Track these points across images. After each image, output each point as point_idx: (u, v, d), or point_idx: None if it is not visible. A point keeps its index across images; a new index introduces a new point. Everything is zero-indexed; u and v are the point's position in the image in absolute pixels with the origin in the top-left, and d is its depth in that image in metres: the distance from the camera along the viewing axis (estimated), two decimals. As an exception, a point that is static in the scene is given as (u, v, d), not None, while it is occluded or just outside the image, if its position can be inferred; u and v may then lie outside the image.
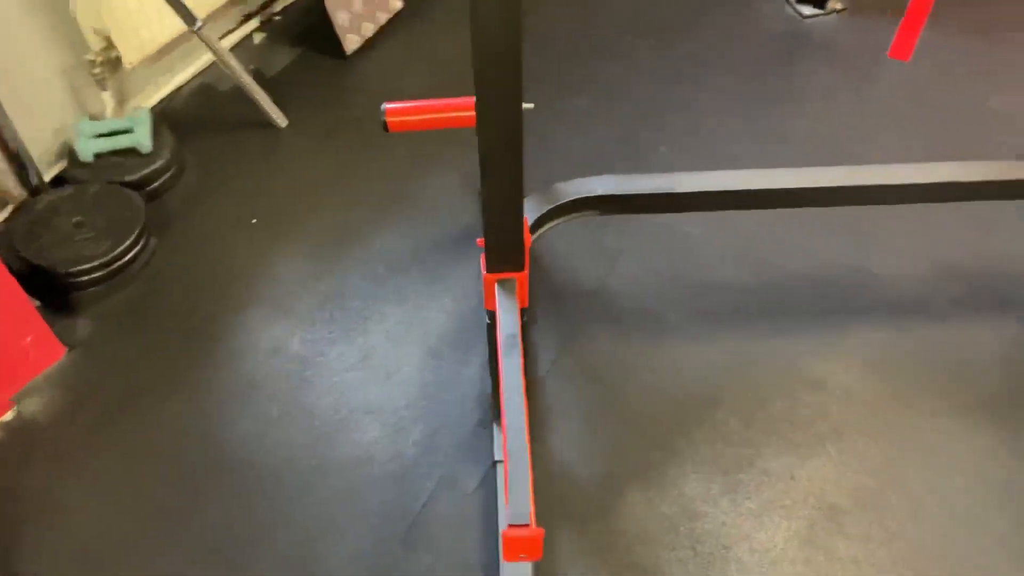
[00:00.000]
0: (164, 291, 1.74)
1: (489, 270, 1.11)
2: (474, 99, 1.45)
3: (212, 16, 2.06)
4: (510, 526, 0.88)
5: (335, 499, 1.41)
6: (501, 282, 1.11)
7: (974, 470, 1.41)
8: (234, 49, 2.23)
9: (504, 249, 1.08)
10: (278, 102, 2.09)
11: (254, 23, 2.33)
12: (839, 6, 2.33)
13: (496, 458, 1.40)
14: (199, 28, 1.83)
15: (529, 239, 1.09)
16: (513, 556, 0.91)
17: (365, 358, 1.61)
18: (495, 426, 1.43)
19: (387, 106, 1.47)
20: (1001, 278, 1.69)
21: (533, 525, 0.89)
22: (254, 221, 1.88)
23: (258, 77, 2.14)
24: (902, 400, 1.51)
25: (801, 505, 1.38)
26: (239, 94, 2.09)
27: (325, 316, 1.69)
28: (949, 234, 1.77)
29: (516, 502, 0.90)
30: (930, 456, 1.43)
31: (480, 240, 1.11)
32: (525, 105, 0.92)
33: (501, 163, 0.97)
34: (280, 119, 2.08)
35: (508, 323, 1.07)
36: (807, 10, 2.33)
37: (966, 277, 1.69)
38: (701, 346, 1.60)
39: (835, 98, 2.11)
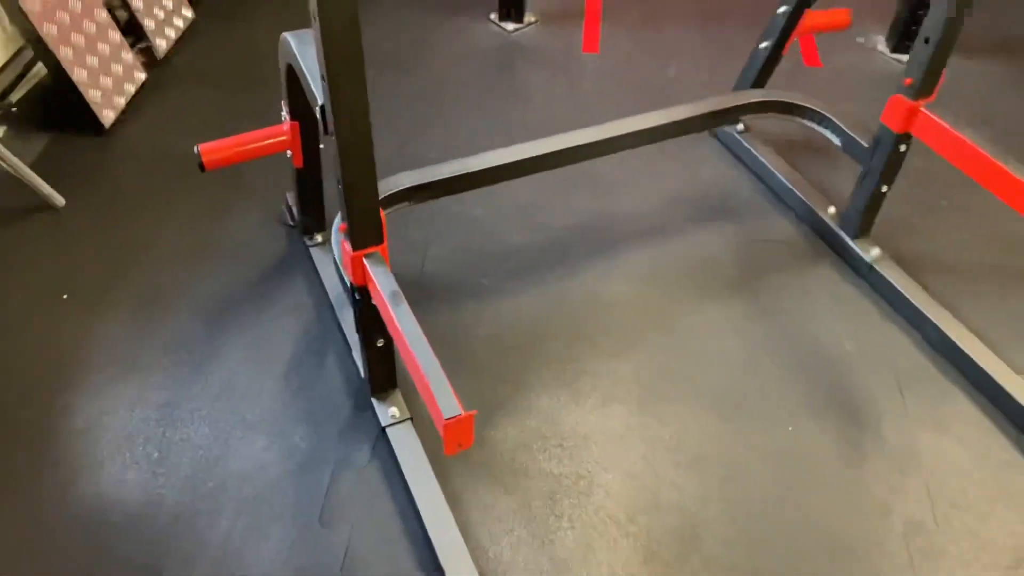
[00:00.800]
0: (-10, 384, 1.70)
1: (355, 248, 1.31)
2: (279, 127, 1.66)
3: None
4: (446, 419, 1.10)
5: (245, 508, 1.51)
6: (369, 255, 1.32)
7: (738, 332, 1.86)
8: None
9: (366, 225, 1.29)
10: (48, 184, 2.08)
11: (-8, 116, 2.28)
12: (533, 19, 2.81)
13: (383, 424, 1.59)
14: (-38, 119, 1.81)
15: (383, 214, 1.32)
16: (452, 448, 1.13)
17: (228, 385, 1.71)
18: (374, 400, 1.62)
19: (201, 146, 1.61)
20: (711, 196, 2.20)
21: (464, 412, 1.11)
22: (65, 296, 1.88)
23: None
24: (673, 298, 1.93)
25: (628, 391, 1.73)
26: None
27: (173, 361, 1.76)
28: (666, 173, 2.26)
29: (443, 400, 1.12)
30: (705, 331, 1.86)
31: (342, 225, 1.31)
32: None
33: (357, 150, 1.19)
34: (57, 199, 2.08)
35: (386, 283, 1.29)
36: (510, 26, 2.77)
37: (688, 200, 2.18)
38: (517, 298, 1.91)
39: (553, 90, 2.55)
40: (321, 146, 1.73)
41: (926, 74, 1.67)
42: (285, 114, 1.63)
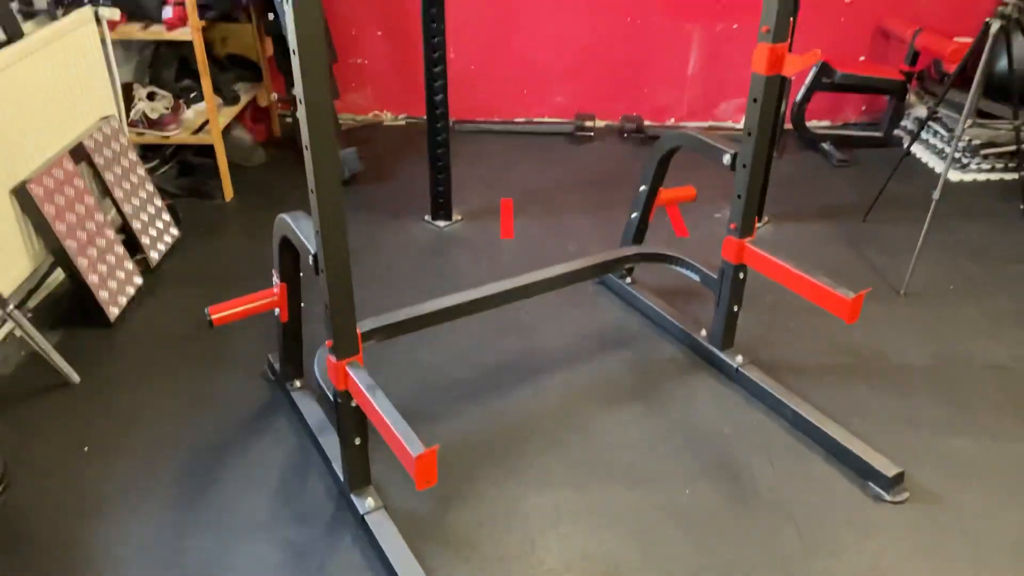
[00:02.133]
0: (21, 531, 2.02)
1: (339, 358, 1.78)
2: (270, 290, 2.17)
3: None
4: (415, 456, 1.53)
5: (252, 588, 1.85)
6: (350, 363, 1.79)
7: (639, 427, 2.33)
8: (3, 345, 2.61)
9: (347, 339, 1.77)
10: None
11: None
12: (459, 217, 3.48)
13: (362, 513, 1.96)
14: (11, 310, 2.27)
15: (360, 334, 1.80)
16: (423, 483, 1.54)
17: (227, 502, 2.08)
18: (353, 496, 2.00)
19: (210, 308, 2.10)
20: (609, 332, 2.76)
21: (426, 448, 1.54)
22: (86, 449, 2.25)
23: (36, 359, 2.52)
24: (586, 407, 2.41)
25: (556, 477, 2.16)
26: (21, 371, 2.48)
27: (179, 490, 2.12)
28: (573, 317, 2.82)
29: (411, 443, 1.56)
30: (612, 428, 2.33)
31: (329, 342, 1.79)
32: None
33: (340, 282, 1.70)
34: (73, 376, 2.49)
35: (364, 378, 1.74)
36: (441, 223, 3.43)
37: (591, 336, 2.73)
38: (462, 418, 2.37)
39: (479, 266, 3.16)
40: (303, 305, 2.24)
41: (743, 220, 2.32)
42: (276, 279, 2.15)
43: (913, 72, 4.07)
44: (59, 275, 2.90)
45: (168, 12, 3.23)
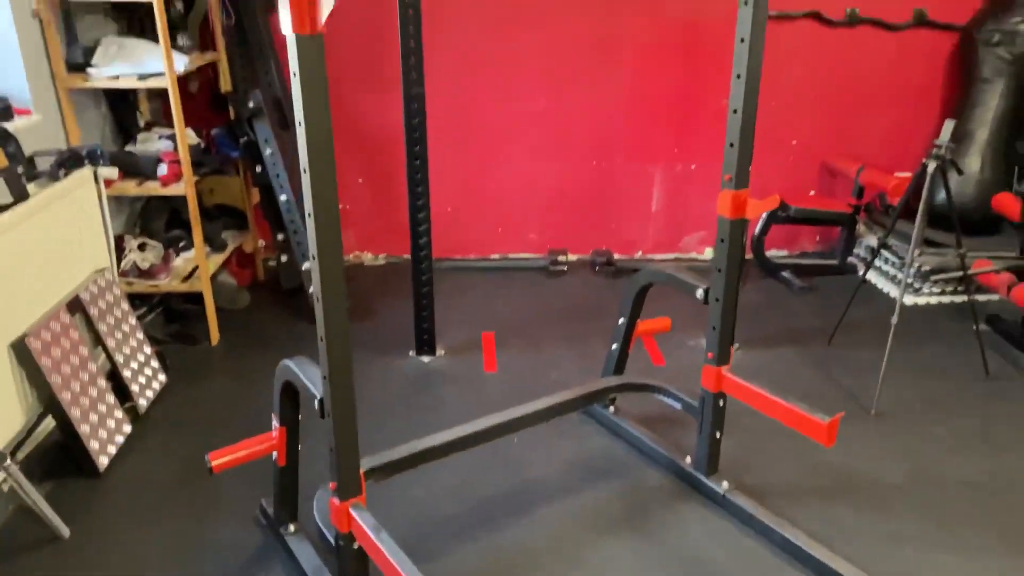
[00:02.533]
0: None
1: (342, 499, 1.82)
2: (269, 434, 2.22)
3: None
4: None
5: None
6: (353, 505, 1.83)
7: (632, 556, 2.37)
8: (-8, 494, 2.59)
9: (352, 481, 1.82)
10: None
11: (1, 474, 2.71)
12: (443, 351, 3.58)
13: (365, 658, 1.95)
14: (7, 464, 2.28)
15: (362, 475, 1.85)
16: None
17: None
18: (354, 640, 1.99)
19: (210, 454, 2.14)
20: (597, 460, 2.83)
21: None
22: (77, 604, 2.21)
23: (24, 511, 2.51)
24: (579, 537, 2.45)
25: (556, 612, 2.18)
26: (10, 525, 2.47)
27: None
28: (561, 448, 2.89)
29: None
30: (607, 558, 2.36)
31: (332, 484, 1.83)
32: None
33: (345, 426, 1.78)
34: (63, 529, 2.47)
35: (368, 521, 1.78)
36: (426, 358, 3.53)
37: (580, 466, 2.79)
38: (458, 555, 2.38)
39: (464, 398, 3.23)
40: (298, 447, 2.28)
41: (719, 349, 2.46)
42: (275, 423, 2.20)
43: (860, 205, 4.38)
44: (47, 425, 2.91)
45: (163, 169, 3.42)
